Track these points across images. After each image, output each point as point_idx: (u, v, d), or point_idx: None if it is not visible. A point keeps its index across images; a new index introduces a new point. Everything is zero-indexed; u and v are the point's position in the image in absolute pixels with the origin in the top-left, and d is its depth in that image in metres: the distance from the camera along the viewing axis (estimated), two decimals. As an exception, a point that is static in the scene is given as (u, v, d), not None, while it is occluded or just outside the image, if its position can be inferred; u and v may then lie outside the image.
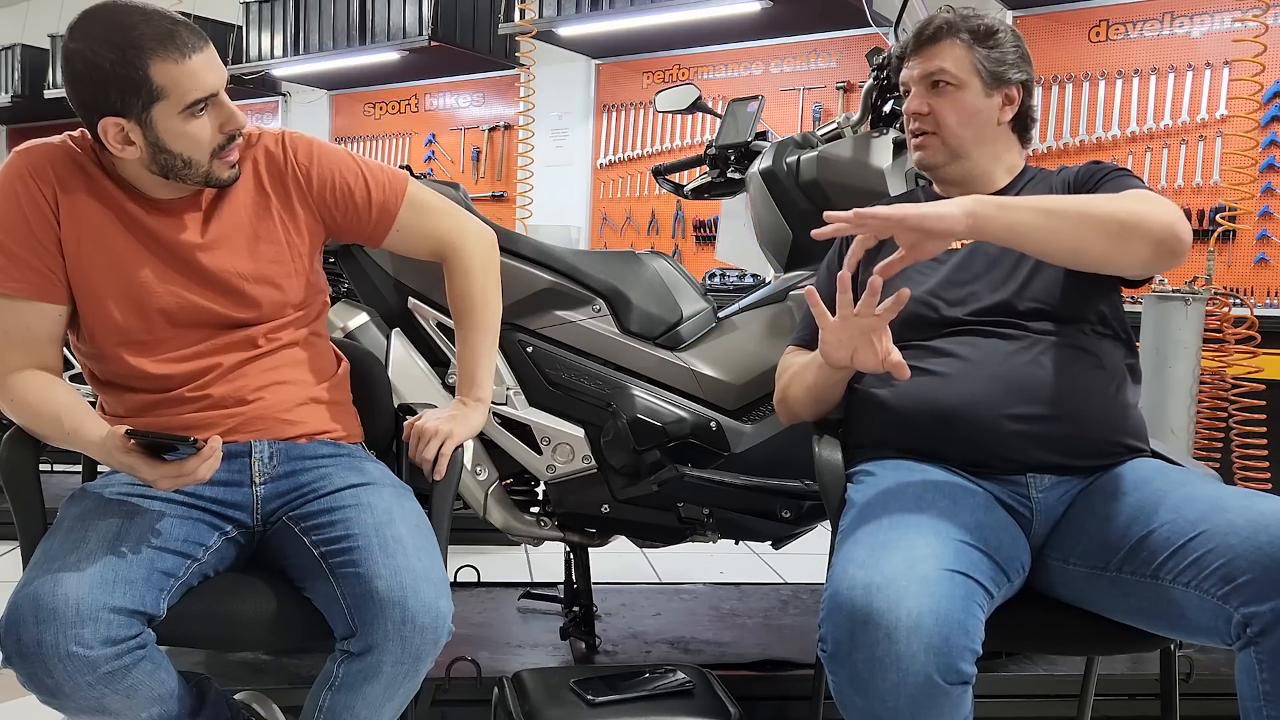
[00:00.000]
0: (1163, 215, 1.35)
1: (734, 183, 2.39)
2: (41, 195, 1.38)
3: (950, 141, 1.57)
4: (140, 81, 1.29)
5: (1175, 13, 4.02)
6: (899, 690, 1.14)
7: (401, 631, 1.27)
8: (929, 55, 1.57)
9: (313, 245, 1.53)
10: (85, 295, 1.41)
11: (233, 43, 6.16)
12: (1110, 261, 1.37)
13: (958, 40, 1.56)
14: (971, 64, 1.56)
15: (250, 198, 1.47)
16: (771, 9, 4.43)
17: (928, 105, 1.57)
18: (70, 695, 1.19)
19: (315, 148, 1.53)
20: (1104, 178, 1.52)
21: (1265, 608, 1.15)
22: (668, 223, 5.33)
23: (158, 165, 1.36)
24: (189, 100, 1.32)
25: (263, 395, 1.47)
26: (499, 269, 1.66)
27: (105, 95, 1.31)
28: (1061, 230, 1.32)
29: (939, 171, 1.62)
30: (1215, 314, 2.86)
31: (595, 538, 2.12)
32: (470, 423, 1.57)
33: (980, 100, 1.57)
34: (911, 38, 1.61)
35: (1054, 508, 1.42)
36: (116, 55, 1.28)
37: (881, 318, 1.35)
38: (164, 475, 1.27)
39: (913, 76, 1.59)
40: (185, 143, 1.35)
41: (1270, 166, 3.84)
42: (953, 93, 1.56)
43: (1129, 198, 1.39)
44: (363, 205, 1.54)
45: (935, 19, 1.58)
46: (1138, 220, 1.34)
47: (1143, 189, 1.44)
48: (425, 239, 1.61)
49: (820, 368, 1.49)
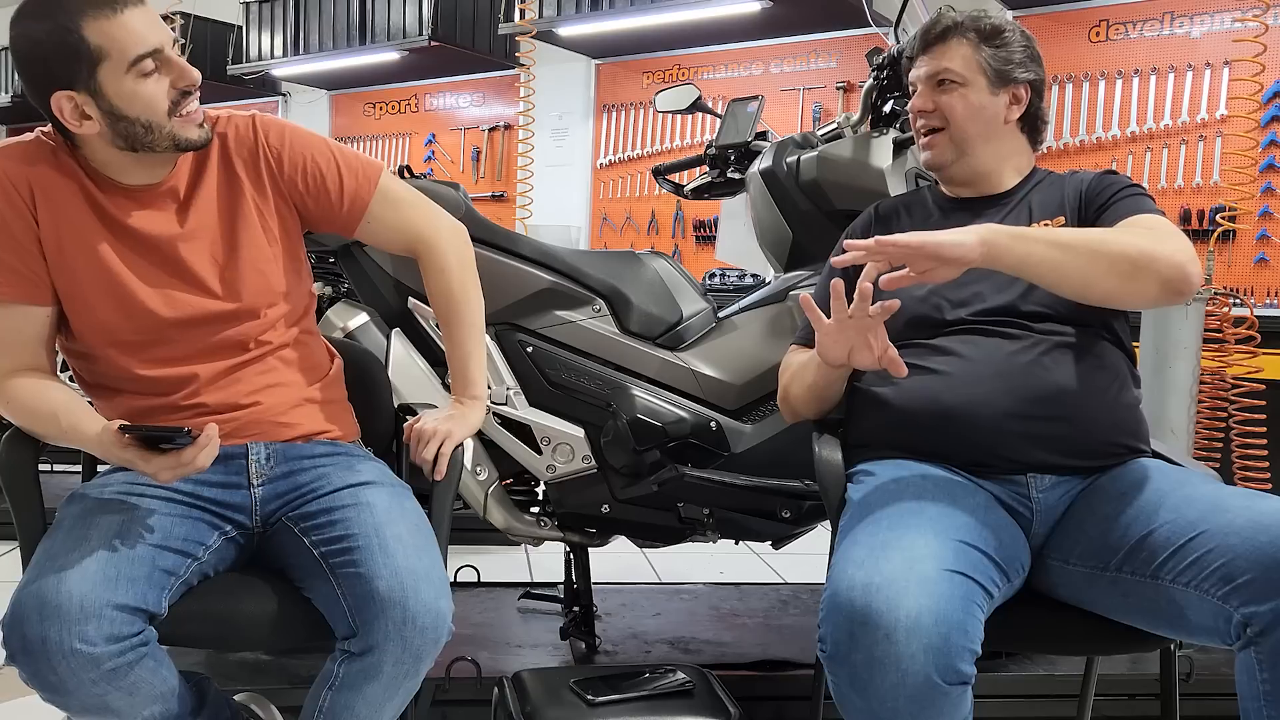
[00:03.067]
0: (1173, 255, 1.35)
1: (734, 183, 2.39)
2: (19, 196, 1.37)
3: (956, 137, 1.58)
4: (77, 44, 1.28)
5: (1175, 13, 4.02)
6: (898, 691, 1.14)
7: (402, 631, 1.27)
8: (936, 54, 1.58)
9: (288, 230, 1.51)
10: (69, 294, 1.40)
11: (233, 43, 6.16)
12: (1117, 298, 1.38)
13: (964, 39, 1.57)
14: (977, 63, 1.56)
15: (222, 182, 1.46)
16: (771, 9, 4.43)
17: (933, 102, 1.58)
18: (73, 692, 1.19)
19: (288, 131, 1.51)
20: (1117, 195, 1.51)
21: (1265, 608, 1.15)
22: (668, 223, 5.33)
23: (120, 137, 1.34)
24: (131, 56, 1.30)
25: (257, 399, 1.46)
26: (475, 263, 1.64)
27: (49, 69, 1.30)
28: (1073, 265, 1.34)
29: (947, 170, 1.62)
30: (1215, 314, 2.86)
31: (595, 538, 2.12)
32: (469, 421, 1.57)
33: (985, 98, 1.57)
34: (919, 38, 1.62)
35: (1054, 508, 1.42)
36: (49, 24, 1.28)
37: (876, 318, 1.36)
38: (162, 467, 1.27)
39: (920, 76, 1.60)
40: (139, 105, 1.32)
41: (1270, 166, 3.84)
42: (957, 90, 1.56)
43: (1142, 231, 1.40)
44: (334, 192, 1.51)
45: (942, 19, 1.59)
46: (1149, 259, 1.34)
47: (1155, 215, 1.45)
48: (397, 232, 1.58)
49: (819, 366, 1.50)
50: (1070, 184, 1.59)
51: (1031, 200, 1.59)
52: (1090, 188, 1.55)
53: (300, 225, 1.54)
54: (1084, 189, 1.56)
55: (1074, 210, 1.54)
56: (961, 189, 1.64)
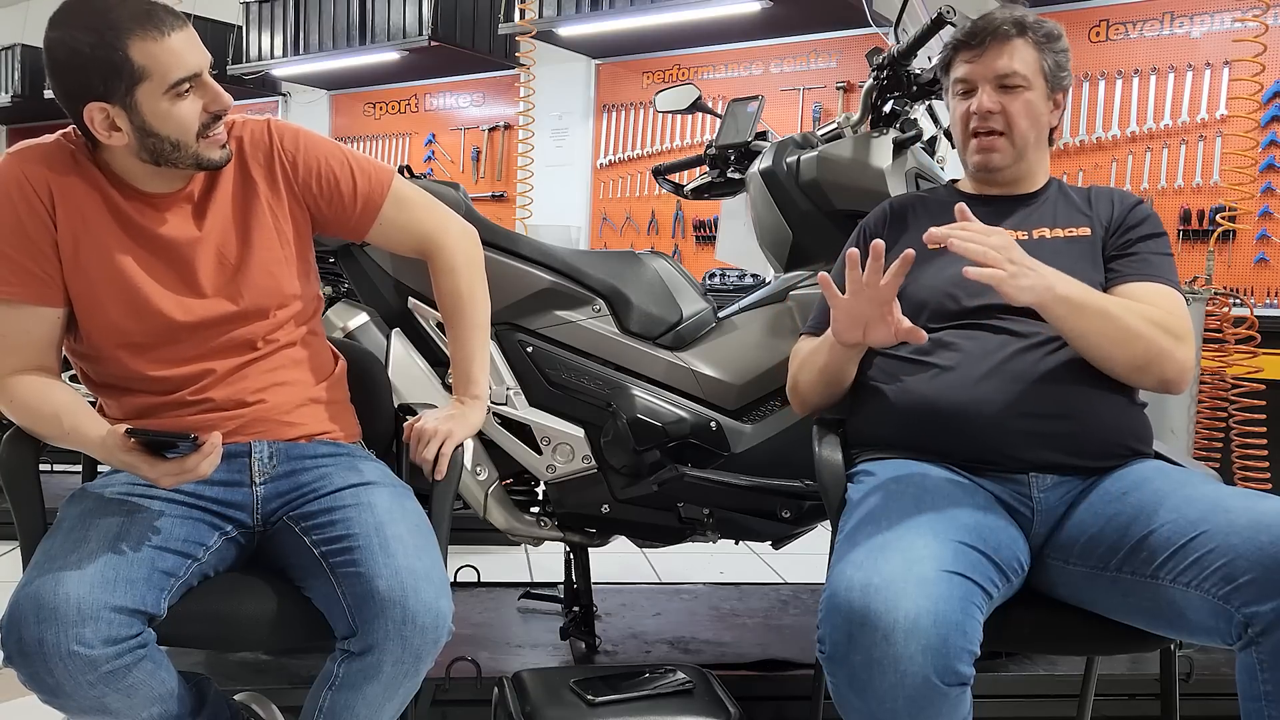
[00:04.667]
0: (1181, 360, 1.41)
1: (734, 183, 2.39)
2: (37, 198, 1.37)
3: (1018, 143, 1.56)
4: (121, 62, 1.29)
5: (1175, 13, 4.02)
6: (897, 691, 1.14)
7: (402, 631, 1.27)
8: (998, 53, 1.54)
9: (300, 233, 1.52)
10: (82, 297, 1.41)
11: (233, 43, 6.16)
12: (1119, 375, 1.42)
13: (1027, 40, 1.54)
14: (1040, 65, 1.54)
15: (237, 186, 1.47)
16: (771, 9, 4.43)
17: (999, 103, 1.54)
18: (71, 694, 1.19)
19: (301, 136, 1.52)
20: (1144, 241, 1.53)
21: (1266, 608, 1.15)
22: (668, 223, 5.33)
23: (146, 151, 1.35)
24: (172, 80, 1.31)
25: (263, 397, 1.47)
26: (483, 265, 1.65)
27: (88, 80, 1.30)
28: (1103, 347, 1.40)
29: (1000, 174, 1.59)
30: (1215, 314, 2.86)
31: (595, 538, 2.11)
32: (469, 421, 1.57)
33: (1043, 103, 1.56)
34: (966, 34, 1.56)
35: (1055, 508, 1.42)
36: (95, 38, 1.28)
37: (890, 285, 1.36)
38: (165, 473, 1.28)
39: (978, 74, 1.55)
40: (171, 125, 1.34)
41: (1270, 166, 3.84)
42: (1024, 94, 1.54)
43: (1163, 321, 1.42)
44: (348, 195, 1.53)
45: (999, 16, 1.55)
46: (1159, 357, 1.41)
47: (1174, 293, 1.48)
48: (408, 234, 1.60)
49: (832, 347, 1.49)
50: (1098, 198, 1.58)
51: (1056, 206, 1.59)
52: (1120, 214, 1.55)
53: (311, 228, 1.55)
54: (1115, 212, 1.56)
55: (1104, 227, 1.55)
56: (998, 189, 1.62)
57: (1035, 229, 1.56)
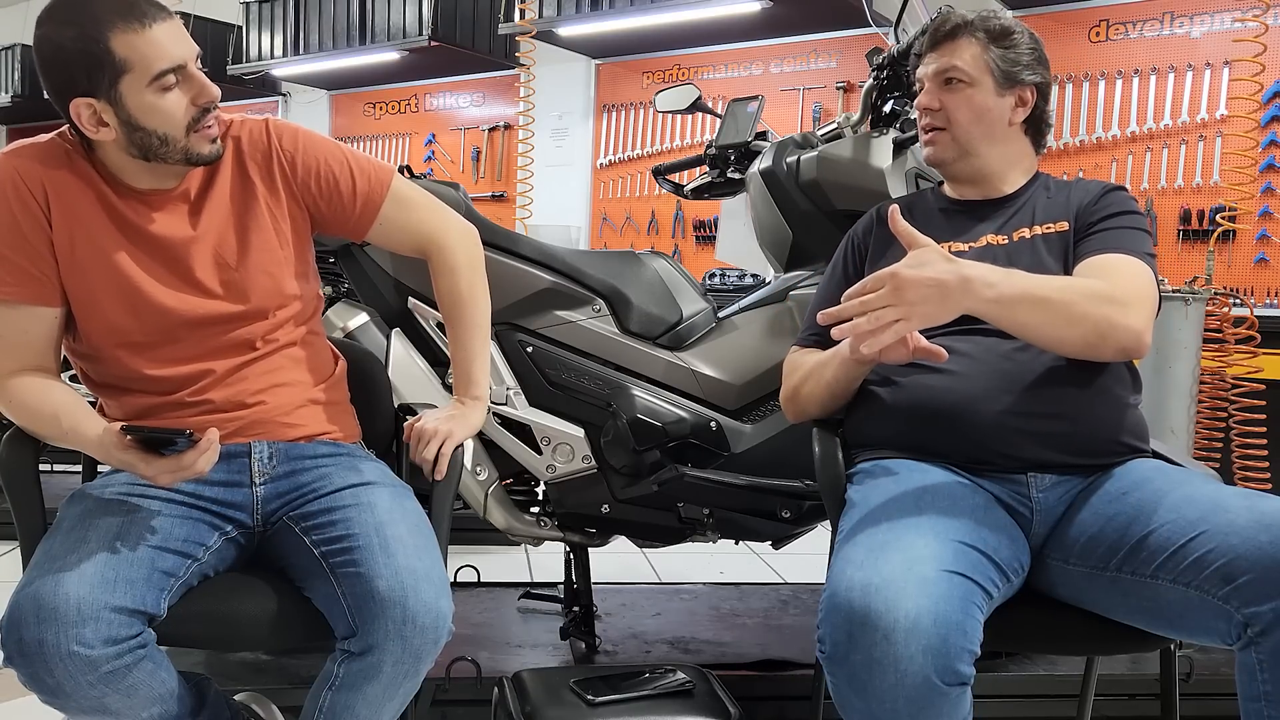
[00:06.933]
0: (1132, 324, 1.37)
1: (734, 183, 2.39)
2: (32, 197, 1.37)
3: (960, 138, 1.58)
4: (102, 55, 1.28)
5: (1175, 13, 4.02)
6: (897, 691, 1.14)
7: (402, 631, 1.27)
8: (944, 52, 1.58)
9: (299, 233, 1.52)
10: (80, 297, 1.41)
11: (233, 43, 6.16)
12: (1078, 355, 1.40)
13: (973, 38, 1.57)
14: (985, 62, 1.56)
15: (235, 185, 1.46)
16: (771, 9, 4.43)
17: (939, 101, 1.58)
18: (71, 695, 1.19)
19: (300, 135, 1.52)
20: (1107, 220, 1.51)
21: (1266, 608, 1.15)
22: (668, 223, 5.33)
23: (135, 146, 1.35)
24: (155, 71, 1.30)
25: (263, 398, 1.46)
26: (484, 265, 1.65)
27: (72, 75, 1.30)
28: (1047, 333, 1.36)
29: (949, 168, 1.62)
30: (1215, 314, 2.86)
31: (595, 538, 2.12)
32: (469, 421, 1.57)
33: (991, 99, 1.57)
34: (928, 35, 1.61)
35: (1054, 508, 1.42)
36: (76, 32, 1.28)
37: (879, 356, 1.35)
38: (163, 470, 1.27)
39: (927, 73, 1.60)
40: (158, 118, 1.33)
41: (1270, 166, 3.84)
42: (964, 90, 1.56)
43: (1111, 285, 1.39)
44: (347, 195, 1.52)
45: (952, 17, 1.59)
46: (1110, 328, 1.36)
47: (1131, 259, 1.45)
48: (409, 234, 1.59)
49: (843, 362, 1.49)
50: (1076, 191, 1.58)
51: (1036, 204, 1.58)
52: (1090, 201, 1.55)
53: (311, 228, 1.55)
54: (1086, 200, 1.56)
55: (1074, 216, 1.54)
56: (965, 190, 1.64)
57: (1015, 231, 1.57)
